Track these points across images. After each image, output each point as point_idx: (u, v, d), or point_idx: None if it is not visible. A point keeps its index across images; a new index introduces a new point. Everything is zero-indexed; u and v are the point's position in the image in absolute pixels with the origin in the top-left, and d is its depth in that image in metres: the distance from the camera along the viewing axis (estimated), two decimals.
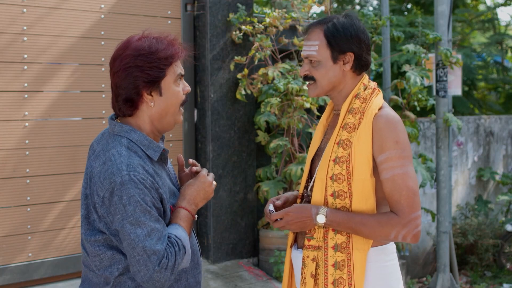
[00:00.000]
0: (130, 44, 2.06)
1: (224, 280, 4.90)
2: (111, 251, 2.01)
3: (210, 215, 5.12)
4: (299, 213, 2.28)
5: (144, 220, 1.93)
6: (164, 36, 2.10)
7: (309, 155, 2.45)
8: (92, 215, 2.02)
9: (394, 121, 2.25)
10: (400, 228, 2.19)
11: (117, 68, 2.05)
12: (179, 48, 2.10)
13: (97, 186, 1.98)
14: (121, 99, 2.05)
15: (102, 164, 1.99)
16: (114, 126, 2.08)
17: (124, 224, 1.93)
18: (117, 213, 1.94)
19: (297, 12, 5.33)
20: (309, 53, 2.33)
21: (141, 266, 1.92)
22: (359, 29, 2.32)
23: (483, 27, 11.48)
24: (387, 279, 2.31)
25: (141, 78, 2.03)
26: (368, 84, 2.38)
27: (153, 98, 2.06)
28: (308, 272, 2.29)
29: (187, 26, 5.14)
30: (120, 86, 2.05)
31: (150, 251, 1.91)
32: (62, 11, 4.50)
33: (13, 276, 4.33)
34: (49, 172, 4.47)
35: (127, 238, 1.93)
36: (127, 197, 1.93)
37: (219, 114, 5.16)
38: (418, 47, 5.36)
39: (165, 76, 2.06)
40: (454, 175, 7.03)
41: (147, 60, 2.03)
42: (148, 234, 1.92)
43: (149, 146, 2.06)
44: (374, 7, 11.63)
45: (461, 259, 6.67)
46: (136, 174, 1.95)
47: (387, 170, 2.21)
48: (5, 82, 4.30)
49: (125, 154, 1.99)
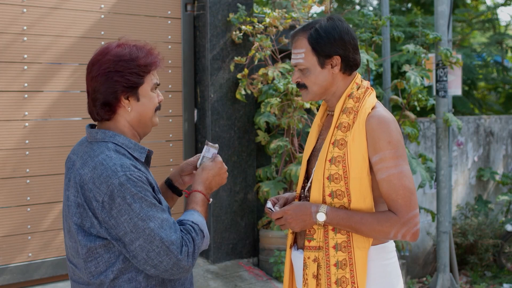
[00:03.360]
0: (110, 50, 2.09)
1: (224, 280, 4.90)
2: (108, 254, 2.02)
3: (210, 215, 5.12)
4: (298, 211, 2.29)
5: (153, 214, 1.97)
6: (142, 44, 2.14)
7: (305, 155, 2.46)
8: (87, 222, 2.02)
9: (386, 121, 2.26)
10: (399, 227, 2.21)
11: (96, 73, 2.07)
12: (157, 57, 2.14)
13: (93, 192, 1.99)
14: (99, 103, 2.08)
15: (93, 170, 2.00)
16: (96, 133, 2.10)
17: (135, 222, 1.96)
18: (123, 213, 1.96)
19: (297, 12, 5.33)
20: (297, 61, 2.35)
21: (162, 256, 1.96)
22: (342, 30, 2.32)
23: (483, 27, 11.49)
24: (388, 277, 2.33)
25: (120, 83, 2.06)
26: (361, 84, 2.39)
27: (130, 103, 2.10)
28: (310, 273, 2.30)
29: (187, 26, 5.14)
30: (98, 91, 2.07)
31: (168, 242, 1.96)
32: (62, 11, 4.51)
33: (13, 276, 4.33)
34: (49, 172, 4.48)
35: (142, 234, 1.96)
36: (131, 196, 1.96)
37: (219, 114, 5.16)
38: (418, 47, 5.36)
39: (143, 83, 2.10)
40: (454, 175, 7.03)
41: (127, 66, 2.06)
42: (161, 225, 1.97)
43: (135, 148, 2.10)
44: (374, 7, 11.63)
45: (461, 259, 6.67)
46: (132, 173, 1.98)
47: (382, 171, 2.22)
48: (5, 82, 4.30)
49: (115, 156, 2.02)
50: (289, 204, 2.35)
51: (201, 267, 5.03)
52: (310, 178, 2.38)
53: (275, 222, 2.34)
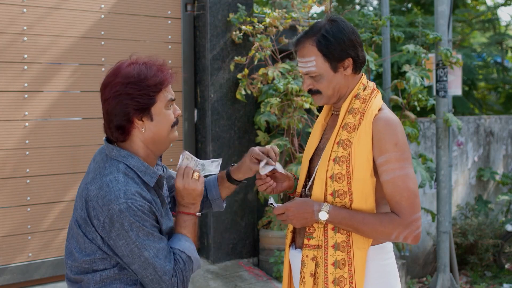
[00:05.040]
0: (120, 71, 2.07)
1: (224, 280, 4.90)
2: (104, 265, 2.05)
3: (210, 215, 5.12)
4: (300, 208, 2.29)
5: (148, 243, 2.00)
6: (153, 61, 2.12)
7: (307, 154, 2.45)
8: (90, 235, 2.04)
9: (393, 123, 2.27)
10: (401, 229, 2.21)
11: (108, 96, 2.07)
12: (168, 73, 2.12)
13: (96, 211, 2.01)
14: (113, 125, 2.08)
15: (99, 189, 2.01)
16: (112, 150, 2.10)
17: (131, 249, 1.99)
18: (121, 238, 1.99)
19: (297, 12, 5.33)
20: (308, 70, 2.33)
21: (155, 284, 2.02)
22: (349, 31, 2.32)
23: (483, 27, 11.48)
24: (386, 277, 2.33)
25: (131, 106, 2.05)
26: (367, 84, 2.39)
27: (144, 124, 2.09)
28: (307, 271, 2.30)
29: (187, 26, 5.14)
30: (111, 113, 2.07)
31: (161, 271, 2.01)
32: (62, 11, 4.51)
33: (13, 276, 4.33)
34: (49, 172, 4.47)
35: (137, 260, 2.00)
36: (128, 224, 1.98)
37: (219, 114, 5.16)
38: (418, 47, 5.36)
39: (155, 102, 2.08)
40: (454, 175, 7.03)
41: (136, 88, 2.04)
42: (156, 254, 2.01)
43: (146, 172, 2.08)
44: (374, 7, 11.63)
45: (461, 259, 6.66)
46: (133, 202, 1.99)
47: (387, 172, 2.23)
48: (5, 82, 4.30)
49: (122, 180, 2.01)
50: (291, 200, 2.34)
51: (201, 267, 5.03)
52: (312, 177, 2.38)
53: (277, 217, 2.35)
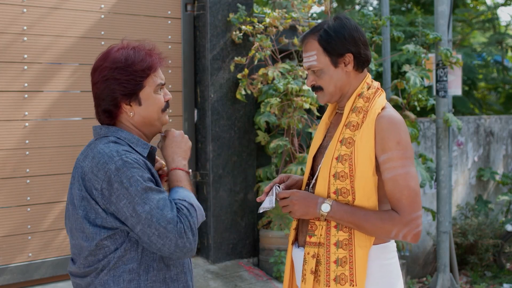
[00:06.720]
0: (109, 56, 2.09)
1: (224, 280, 4.90)
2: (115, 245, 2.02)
3: (210, 215, 5.12)
4: (306, 196, 2.31)
5: (148, 196, 1.97)
6: (142, 46, 2.12)
7: (311, 152, 2.47)
8: (92, 214, 2.02)
9: (396, 121, 2.27)
10: (401, 226, 2.22)
11: (96, 80, 2.09)
12: (157, 58, 2.12)
13: (92, 181, 2.00)
14: (101, 109, 2.11)
15: (92, 160, 2.02)
16: (100, 129, 2.12)
17: (134, 207, 1.96)
18: (122, 198, 1.97)
19: (297, 12, 5.33)
20: (310, 64, 2.37)
21: (163, 239, 1.96)
22: (351, 28, 2.35)
23: (483, 27, 11.49)
24: (388, 277, 2.33)
25: (118, 90, 2.06)
26: (371, 84, 2.40)
27: (132, 108, 2.10)
28: (308, 268, 2.31)
29: (187, 26, 5.14)
30: (99, 97, 2.10)
31: (165, 222, 1.95)
32: (62, 11, 4.51)
33: (13, 276, 4.33)
34: (49, 172, 4.47)
35: (141, 218, 1.96)
36: (127, 179, 1.96)
37: (219, 114, 5.16)
38: (418, 47, 5.36)
39: (144, 87, 2.09)
40: (454, 175, 7.03)
41: (124, 73, 2.06)
42: (157, 206, 1.96)
43: (137, 143, 2.10)
44: (374, 7, 11.64)
45: (461, 259, 6.66)
46: (128, 156, 1.99)
47: (389, 170, 2.23)
48: (5, 82, 4.30)
49: (113, 145, 2.03)
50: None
51: (201, 267, 5.03)
52: (315, 175, 2.39)
53: (279, 203, 2.35)
